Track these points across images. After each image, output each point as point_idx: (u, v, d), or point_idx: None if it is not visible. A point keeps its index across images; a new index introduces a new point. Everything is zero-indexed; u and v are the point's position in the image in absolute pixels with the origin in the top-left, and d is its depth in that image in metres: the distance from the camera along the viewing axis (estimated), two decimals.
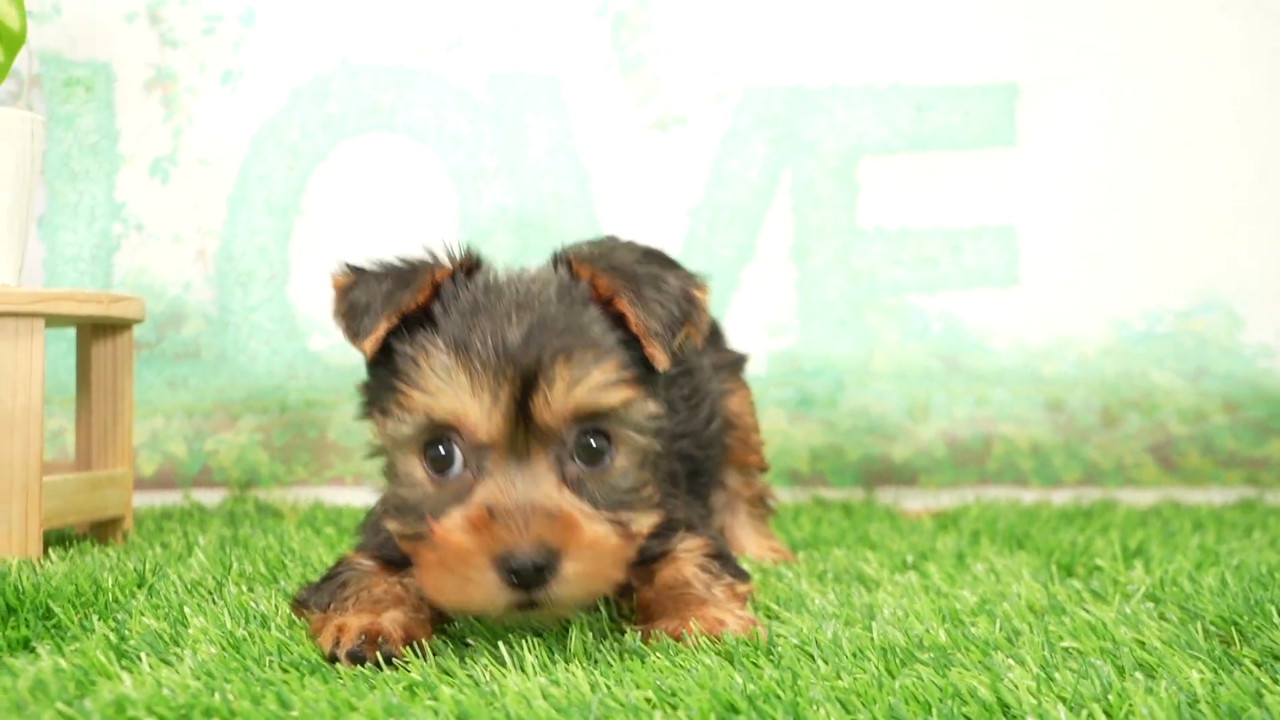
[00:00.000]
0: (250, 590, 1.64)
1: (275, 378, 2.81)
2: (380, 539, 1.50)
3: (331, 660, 1.28)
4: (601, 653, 1.30)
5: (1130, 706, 1.08)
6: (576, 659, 1.28)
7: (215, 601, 1.56)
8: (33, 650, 1.33)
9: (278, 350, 2.82)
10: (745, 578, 1.56)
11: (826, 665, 1.24)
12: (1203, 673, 1.19)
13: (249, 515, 2.51)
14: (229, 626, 1.41)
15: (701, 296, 1.42)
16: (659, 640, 1.34)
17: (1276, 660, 1.27)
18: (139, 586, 1.66)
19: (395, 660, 1.26)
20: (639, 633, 1.37)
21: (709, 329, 1.97)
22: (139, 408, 2.73)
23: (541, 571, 1.22)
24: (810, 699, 1.10)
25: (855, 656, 1.28)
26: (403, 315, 1.32)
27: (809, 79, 2.86)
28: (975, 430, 2.84)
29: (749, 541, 2.02)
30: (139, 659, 1.26)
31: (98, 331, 2.25)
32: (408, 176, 2.84)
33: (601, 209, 2.84)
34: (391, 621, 1.32)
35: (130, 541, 2.17)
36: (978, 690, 1.12)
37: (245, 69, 2.83)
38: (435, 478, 1.31)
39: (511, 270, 1.41)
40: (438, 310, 1.32)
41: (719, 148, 2.86)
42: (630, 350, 1.35)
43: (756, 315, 2.85)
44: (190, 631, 1.39)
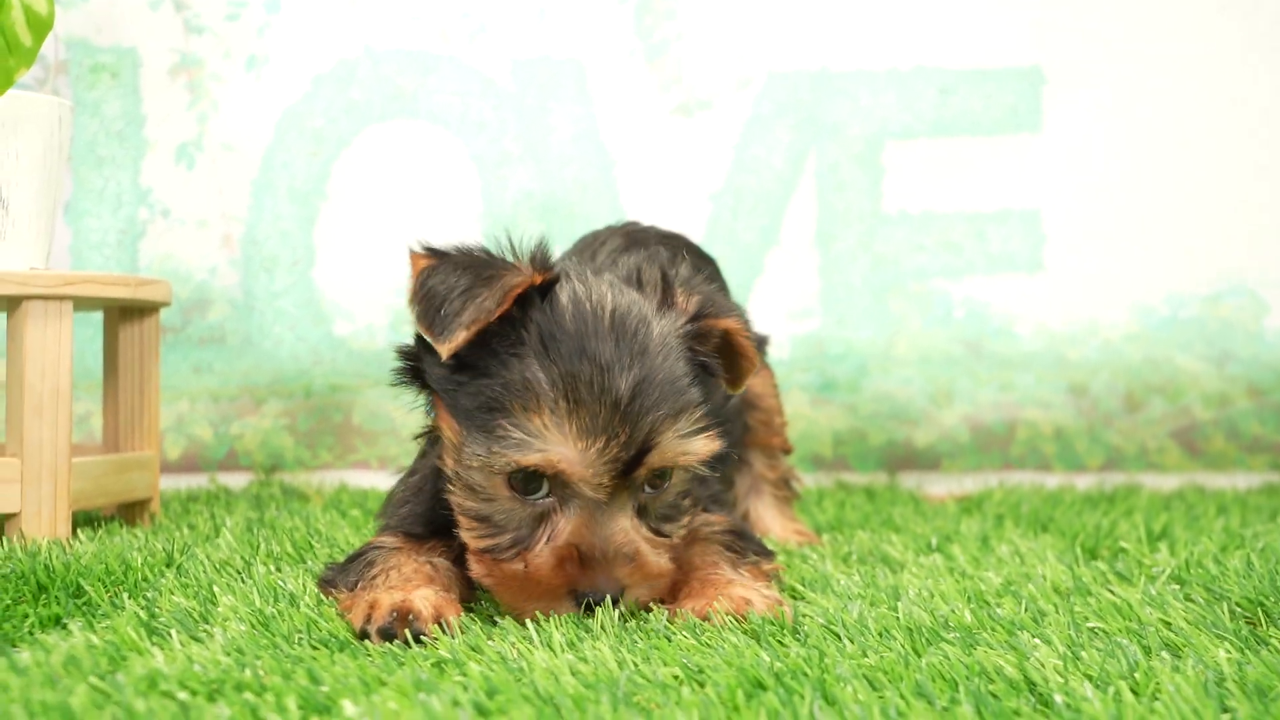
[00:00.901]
0: (278, 570, 1.65)
1: (300, 362, 2.83)
2: (404, 512, 1.52)
3: (362, 637, 1.29)
4: (628, 631, 1.31)
5: (1157, 685, 1.08)
6: (604, 637, 1.28)
7: (244, 580, 1.57)
8: (64, 627, 1.34)
9: (302, 335, 2.83)
10: (770, 556, 1.57)
11: (852, 644, 1.25)
12: (1229, 652, 1.19)
13: (274, 498, 2.53)
14: (258, 604, 1.42)
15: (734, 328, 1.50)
16: (685, 619, 1.35)
17: None
18: (168, 566, 1.67)
19: (424, 637, 1.27)
20: (665, 612, 1.38)
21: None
22: (165, 392, 2.74)
23: (613, 601, 1.34)
24: (837, 676, 1.10)
25: (881, 636, 1.29)
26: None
27: (833, 63, 2.86)
28: (999, 415, 2.84)
29: (774, 524, 2.03)
30: (169, 635, 1.27)
31: (125, 315, 2.26)
32: (432, 162, 2.85)
33: (625, 194, 2.84)
34: (422, 599, 1.33)
35: (158, 523, 2.19)
36: (1004, 669, 1.13)
37: (270, 55, 2.84)
38: (519, 497, 1.36)
39: (596, 288, 1.40)
40: (527, 335, 1.34)
41: (743, 133, 2.86)
42: (700, 375, 1.43)
43: (780, 300, 2.85)
44: (219, 609, 1.40)
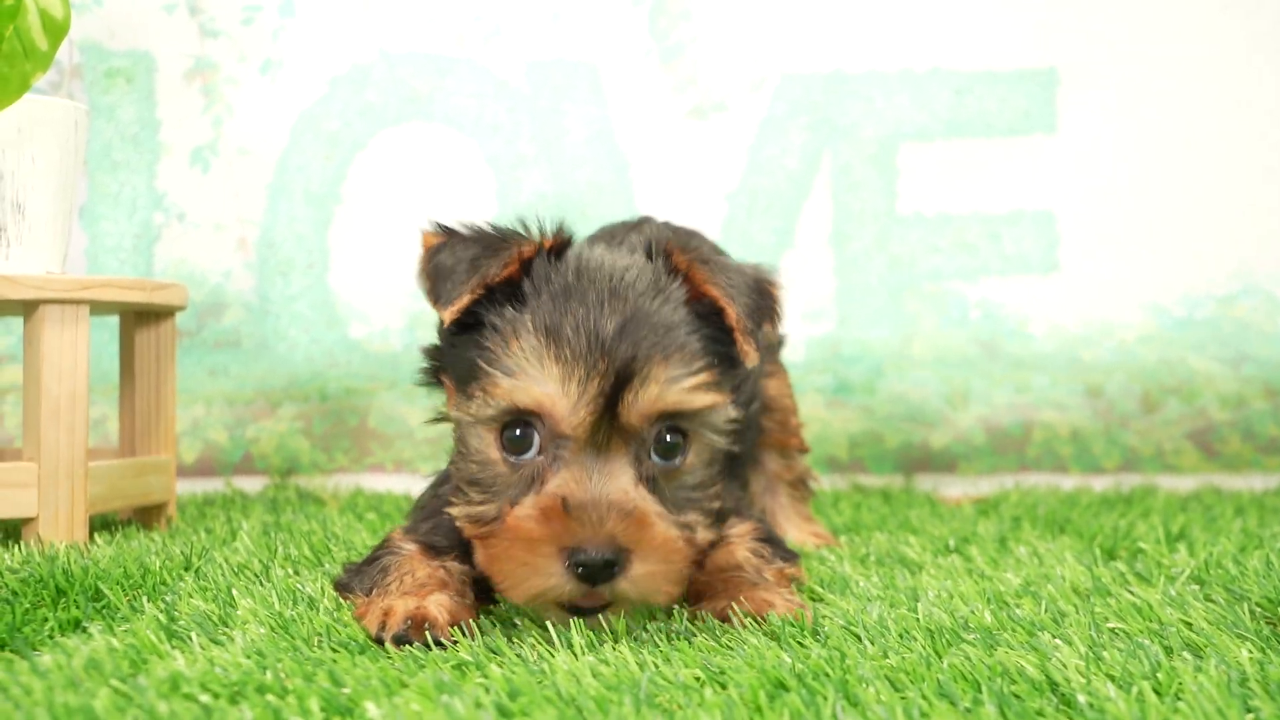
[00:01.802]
0: (296, 573, 1.66)
1: (315, 365, 2.83)
2: (428, 525, 1.49)
3: (378, 643, 1.28)
4: (648, 633, 1.30)
5: (1180, 685, 1.08)
6: (624, 639, 1.28)
7: (262, 584, 1.57)
8: (84, 630, 1.34)
9: (318, 338, 2.83)
10: (794, 560, 1.56)
11: (873, 645, 1.24)
12: (1251, 652, 1.19)
13: (290, 502, 2.53)
14: (277, 608, 1.42)
15: (776, 291, 1.42)
16: (705, 621, 1.34)
17: None
18: (186, 569, 1.67)
19: (443, 642, 1.27)
20: (686, 614, 1.37)
21: None
22: (180, 396, 2.75)
23: (610, 567, 1.22)
24: (859, 677, 1.10)
25: (901, 637, 1.28)
26: (488, 287, 1.30)
27: (848, 65, 2.86)
28: (1015, 417, 2.84)
29: (790, 525, 2.02)
30: (189, 639, 1.27)
31: (141, 319, 2.26)
32: (447, 165, 2.85)
33: (640, 196, 2.84)
34: (437, 605, 1.31)
35: (174, 527, 2.19)
36: (1026, 669, 1.12)
37: (285, 58, 2.84)
38: (509, 459, 1.30)
39: (602, 251, 1.38)
40: (527, 288, 1.30)
41: (757, 134, 2.86)
42: (714, 347, 1.34)
43: (795, 301, 2.85)
44: (239, 613, 1.40)
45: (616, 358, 1.25)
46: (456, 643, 1.25)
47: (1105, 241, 2.83)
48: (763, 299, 1.39)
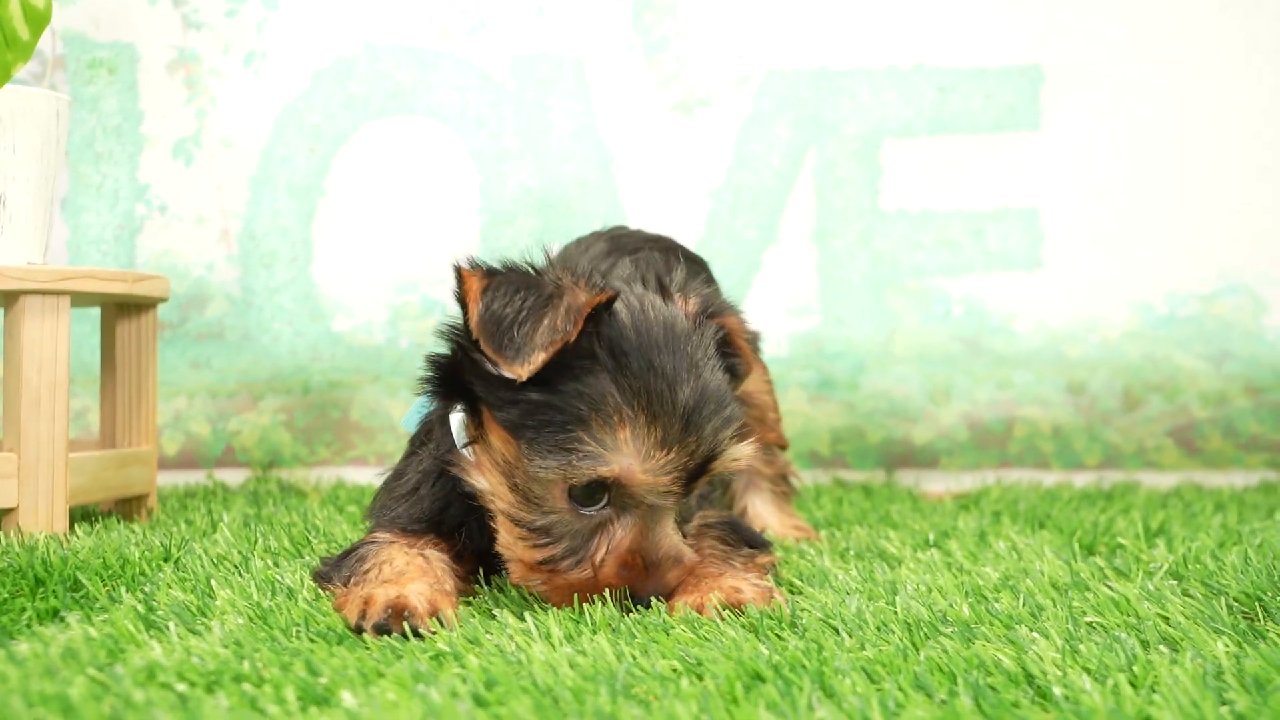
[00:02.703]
0: (275, 565, 1.65)
1: (298, 358, 2.83)
2: (398, 514, 1.51)
3: (357, 632, 1.28)
4: (626, 625, 1.30)
5: (1156, 677, 1.08)
6: (601, 630, 1.28)
7: (241, 575, 1.56)
8: (62, 620, 1.34)
9: (301, 331, 2.83)
10: (766, 547, 1.58)
11: (850, 638, 1.25)
12: (1227, 646, 1.19)
13: (272, 494, 2.52)
14: (256, 598, 1.42)
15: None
16: (684, 613, 1.35)
17: None
18: (165, 560, 1.67)
19: (421, 632, 1.27)
20: (664, 607, 1.38)
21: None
22: (162, 388, 2.74)
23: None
24: (835, 669, 1.10)
25: (879, 630, 1.29)
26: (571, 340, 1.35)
27: (833, 61, 2.86)
28: (997, 413, 2.84)
29: (772, 519, 2.02)
30: (167, 629, 1.27)
31: (122, 310, 2.26)
32: (431, 158, 2.84)
33: (624, 191, 2.84)
34: (416, 595, 1.32)
35: (155, 519, 2.18)
36: (1002, 662, 1.13)
37: (268, 50, 2.84)
38: (576, 509, 1.38)
39: (647, 301, 1.43)
40: (596, 348, 1.36)
41: (742, 130, 2.86)
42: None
43: (778, 297, 2.85)
44: (217, 603, 1.40)
45: (702, 438, 1.37)
46: (435, 632, 1.25)
47: (1089, 239, 2.84)
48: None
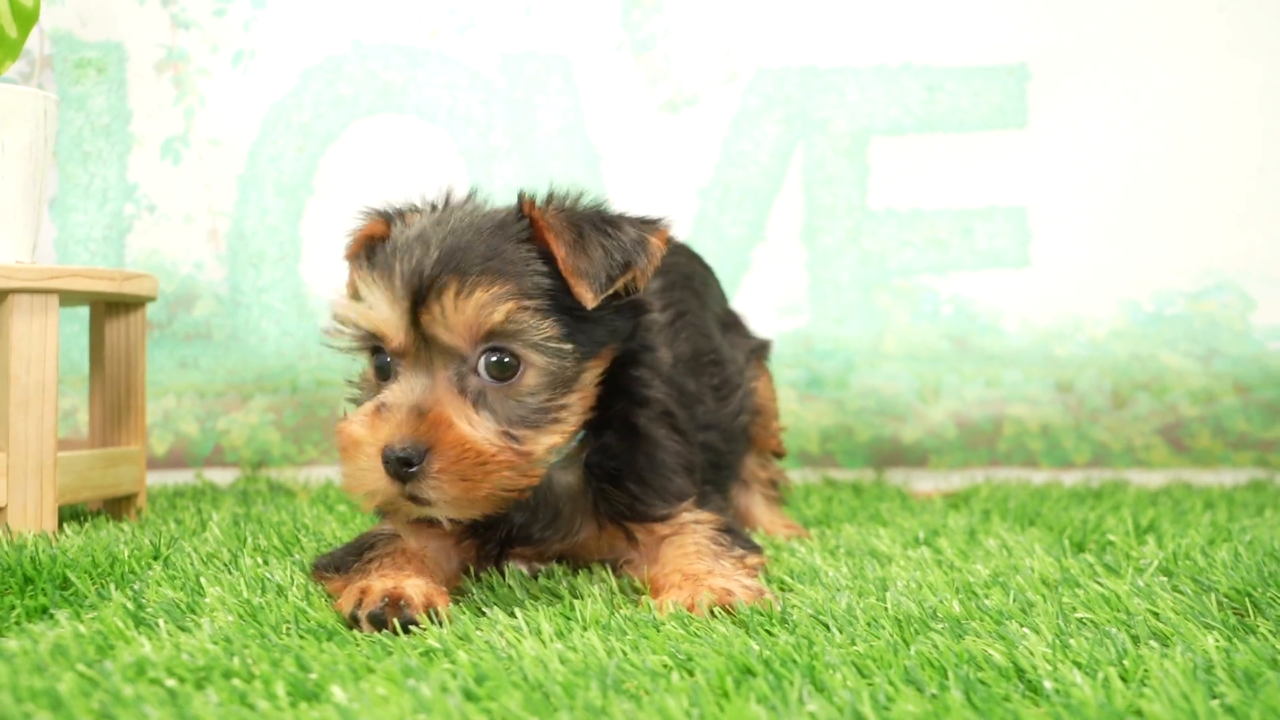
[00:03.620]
0: (265, 563, 1.65)
1: (286, 358, 2.82)
2: None
3: (352, 622, 1.29)
4: (616, 621, 1.30)
5: (1146, 671, 1.08)
6: (592, 627, 1.28)
7: (231, 573, 1.56)
8: (51, 617, 1.33)
9: (289, 330, 2.82)
10: (756, 550, 1.58)
11: (841, 633, 1.25)
12: (1217, 640, 1.20)
13: (261, 494, 2.52)
14: (245, 595, 1.41)
15: (657, 242, 1.45)
16: (673, 611, 1.35)
17: None
18: (154, 559, 1.67)
19: (413, 627, 1.27)
20: (653, 605, 1.38)
21: (727, 318, 1.99)
22: (151, 388, 2.74)
23: (408, 464, 1.31)
24: (826, 663, 1.10)
25: (870, 625, 1.29)
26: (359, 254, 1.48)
27: (821, 59, 2.86)
28: (986, 411, 2.85)
29: (762, 517, 2.03)
30: (157, 626, 1.27)
31: (111, 310, 2.25)
32: (419, 156, 2.84)
33: (612, 189, 2.84)
34: (414, 587, 1.34)
35: (144, 518, 2.18)
36: (993, 656, 1.13)
37: (257, 49, 2.83)
38: (376, 382, 1.43)
39: (476, 203, 1.51)
40: (381, 244, 1.46)
41: (730, 128, 2.86)
42: (558, 284, 1.40)
43: (767, 295, 2.85)
44: (207, 600, 1.39)
45: (420, 280, 1.37)
46: (425, 629, 1.25)
47: (1077, 237, 2.84)
48: (633, 251, 1.43)
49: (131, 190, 2.81)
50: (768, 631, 1.26)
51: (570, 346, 1.40)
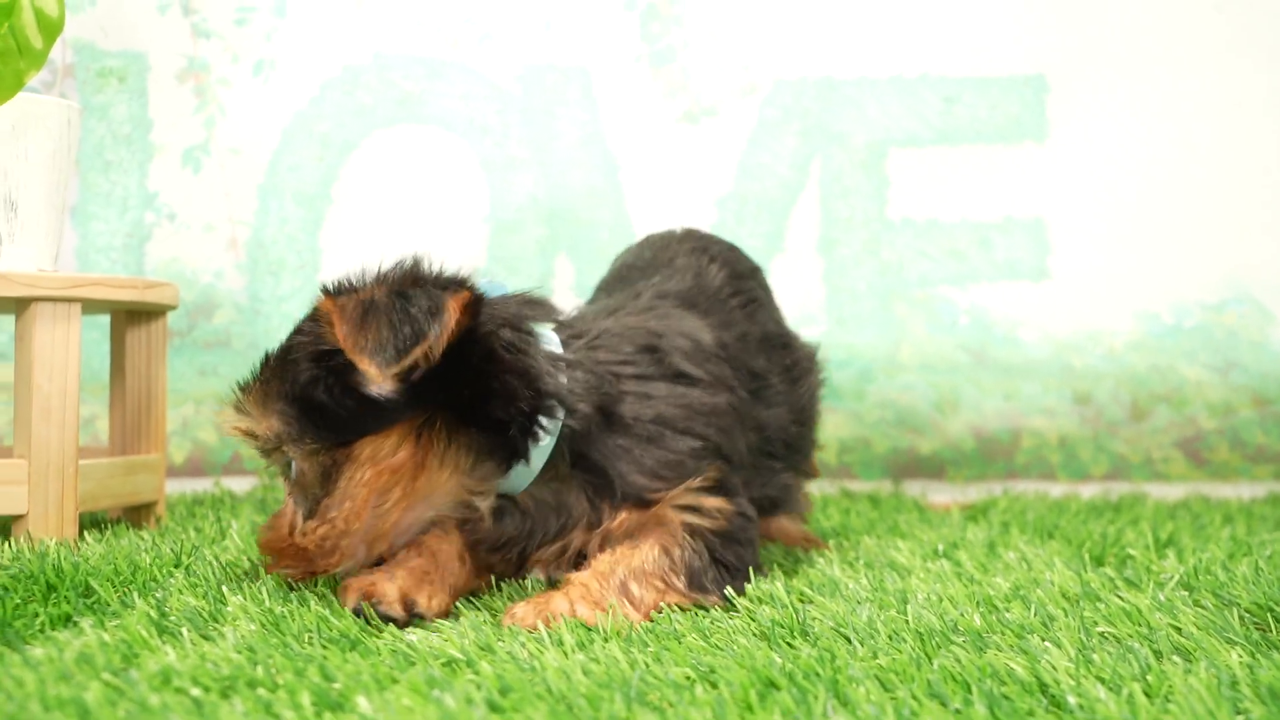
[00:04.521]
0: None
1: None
2: None
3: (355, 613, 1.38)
4: (637, 633, 1.31)
5: (1170, 687, 1.08)
6: (614, 638, 1.28)
7: (252, 581, 1.56)
8: (75, 625, 1.34)
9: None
10: (721, 588, 1.52)
11: (863, 646, 1.25)
12: (1241, 656, 1.19)
13: (279, 502, 2.52)
14: (268, 605, 1.42)
15: (451, 309, 1.41)
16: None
17: None
18: (176, 566, 1.67)
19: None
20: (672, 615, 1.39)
21: (777, 341, 1.95)
22: (170, 396, 2.75)
23: None
24: (849, 677, 1.10)
25: (891, 638, 1.29)
26: None
27: (838, 71, 2.86)
28: (1003, 423, 2.84)
29: (782, 530, 2.02)
30: (180, 634, 1.27)
31: (132, 318, 2.26)
32: (438, 166, 2.85)
33: (631, 200, 2.85)
34: (388, 581, 1.43)
35: (163, 526, 2.19)
36: (1015, 670, 1.13)
37: (277, 59, 2.84)
38: None
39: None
40: None
41: (748, 140, 2.86)
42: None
43: (784, 306, 2.81)
44: (229, 609, 1.40)
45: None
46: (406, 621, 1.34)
47: (1096, 248, 2.84)
48: (424, 322, 1.40)
49: (152, 199, 2.83)
50: (789, 643, 1.26)
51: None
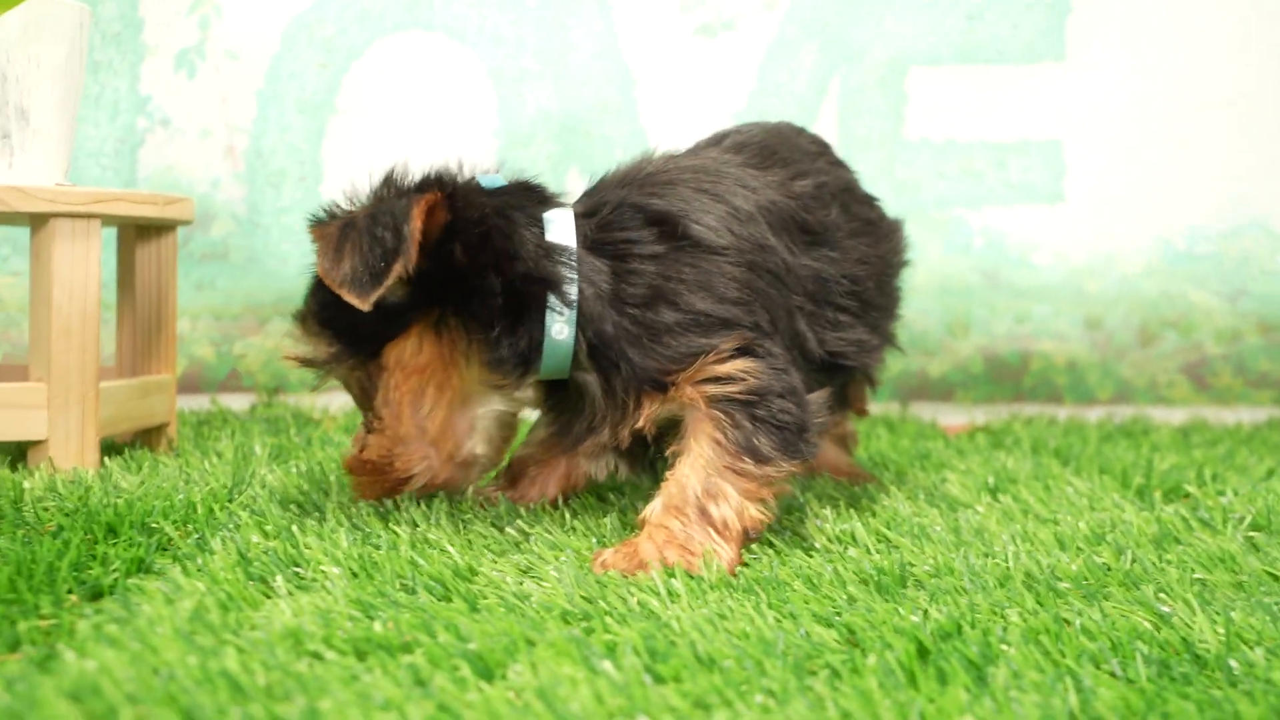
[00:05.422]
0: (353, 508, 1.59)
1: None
2: None
3: None
4: (741, 580, 1.27)
5: None
6: (719, 587, 1.25)
7: (317, 519, 1.50)
8: (158, 573, 1.28)
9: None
10: (792, 457, 1.43)
11: (984, 598, 1.22)
12: None
13: (285, 422, 2.45)
14: (345, 546, 1.36)
15: (416, 216, 1.37)
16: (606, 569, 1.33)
17: None
18: (229, 501, 1.61)
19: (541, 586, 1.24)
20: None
21: (861, 196, 1.81)
22: None
23: None
24: (1000, 639, 1.07)
25: (1001, 585, 1.26)
26: None
27: None
28: (1013, 346, 2.83)
29: (829, 463, 1.98)
30: (273, 583, 1.22)
31: (142, 233, 2.17)
32: (447, 77, 2.75)
33: (645, 115, 2.77)
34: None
35: (178, 449, 2.11)
36: (1154, 632, 1.11)
37: None
38: None
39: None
40: None
41: (766, 55, 2.79)
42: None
43: None
44: (308, 552, 1.33)
45: None
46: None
47: (1112, 173, 2.81)
48: (393, 241, 1.37)
49: (144, 103, 2.71)
50: (904, 594, 1.23)
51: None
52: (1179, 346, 2.83)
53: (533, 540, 1.43)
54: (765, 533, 1.48)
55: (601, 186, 1.57)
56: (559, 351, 1.45)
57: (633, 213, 1.50)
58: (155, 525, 1.45)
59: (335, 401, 2.72)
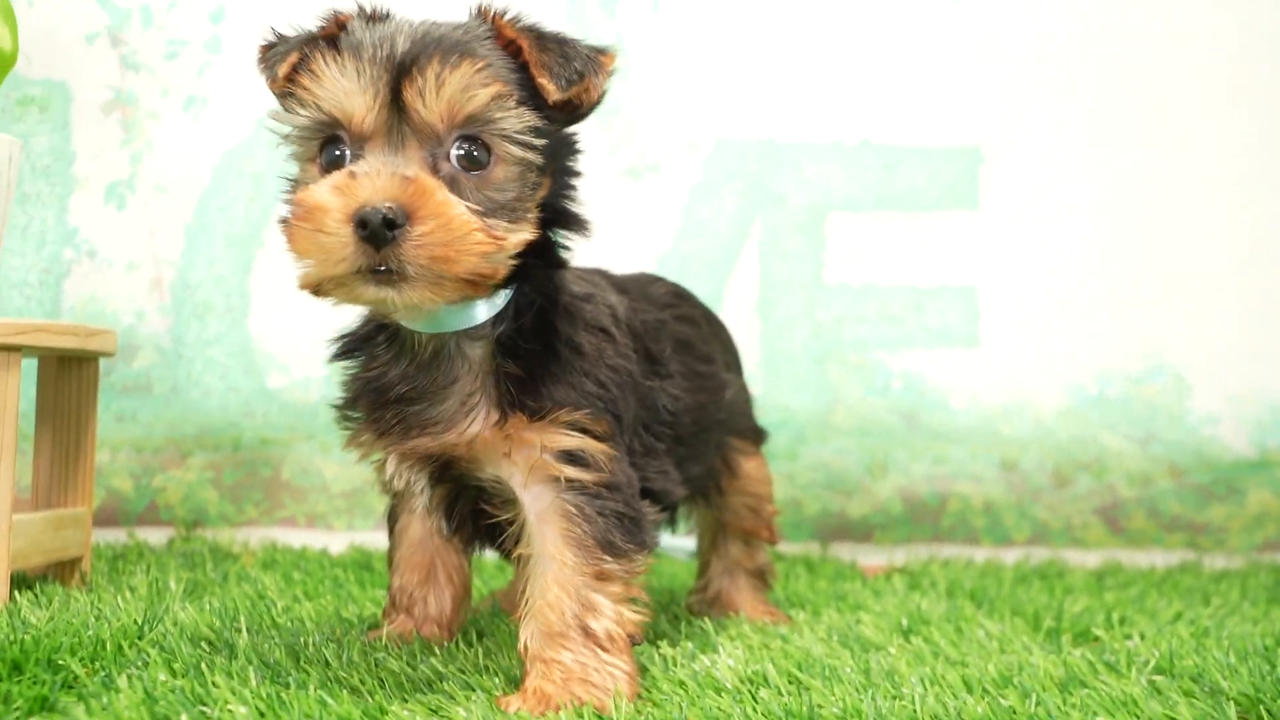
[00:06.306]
0: (259, 641, 1.58)
1: (230, 414, 2.74)
2: None
3: None
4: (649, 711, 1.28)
5: None
6: None
7: (225, 656, 1.49)
8: (61, 711, 1.27)
9: (234, 386, 2.75)
10: (639, 550, 1.45)
11: None
12: None
13: (200, 555, 2.44)
14: (254, 684, 1.35)
15: (606, 61, 1.43)
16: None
17: None
18: (138, 638, 1.59)
19: None
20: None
21: (699, 353, 1.91)
22: None
23: (391, 227, 1.25)
24: None
25: None
26: (314, 44, 1.39)
27: (780, 134, 2.88)
28: (932, 488, 2.87)
29: (744, 603, 2.00)
30: None
31: (63, 364, 2.17)
32: None
33: (572, 253, 2.81)
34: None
35: (91, 584, 2.09)
36: None
37: (209, 96, 2.76)
38: (327, 173, 1.35)
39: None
40: (343, 36, 1.38)
41: (690, 197, 2.86)
42: (522, 79, 1.37)
43: None
44: (216, 691, 1.33)
45: (400, 60, 1.32)
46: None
47: (1024, 318, 2.89)
48: (587, 64, 1.40)
49: (72, 234, 2.73)
50: None
51: (540, 143, 1.37)
52: (1093, 489, 2.88)
53: (445, 680, 1.43)
54: (677, 673, 1.48)
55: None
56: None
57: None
58: (62, 662, 1.43)
59: (255, 536, 2.70)
